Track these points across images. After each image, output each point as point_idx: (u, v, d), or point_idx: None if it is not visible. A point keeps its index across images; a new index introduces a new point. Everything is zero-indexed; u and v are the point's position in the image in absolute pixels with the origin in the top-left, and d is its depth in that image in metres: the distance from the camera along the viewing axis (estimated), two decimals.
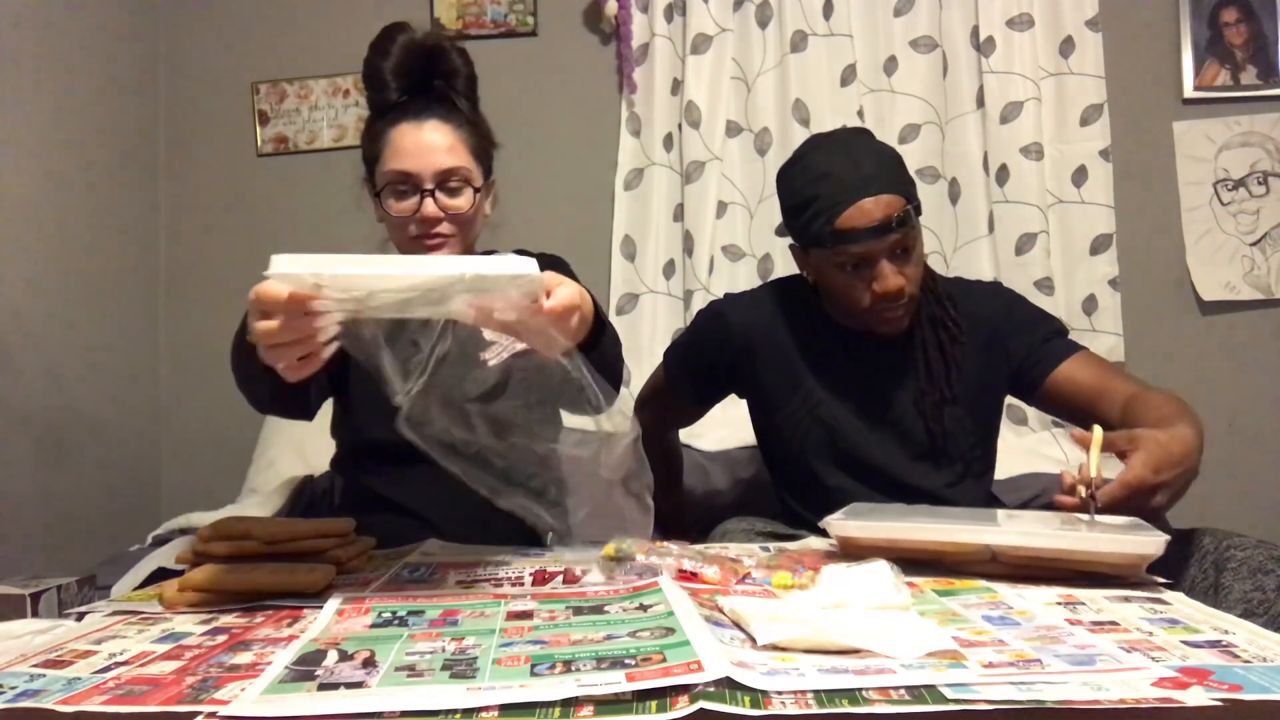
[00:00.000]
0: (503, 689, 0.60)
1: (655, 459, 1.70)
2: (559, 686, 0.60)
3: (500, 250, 1.45)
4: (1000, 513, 1.25)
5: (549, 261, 1.40)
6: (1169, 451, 1.01)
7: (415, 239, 1.27)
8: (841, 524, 1.02)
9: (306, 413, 1.22)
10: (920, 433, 1.38)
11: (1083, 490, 0.97)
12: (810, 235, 1.30)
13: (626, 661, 0.64)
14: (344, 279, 0.78)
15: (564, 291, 0.84)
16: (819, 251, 1.31)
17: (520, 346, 1.30)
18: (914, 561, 0.95)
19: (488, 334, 1.33)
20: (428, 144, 1.25)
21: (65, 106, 2.13)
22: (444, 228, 1.26)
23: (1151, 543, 0.87)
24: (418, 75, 1.29)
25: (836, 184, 1.26)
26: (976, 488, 1.44)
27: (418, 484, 1.26)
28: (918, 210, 1.30)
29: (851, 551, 1.02)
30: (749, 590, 0.88)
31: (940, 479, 1.39)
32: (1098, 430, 1.02)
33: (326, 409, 1.38)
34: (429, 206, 1.24)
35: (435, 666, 0.66)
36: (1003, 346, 1.39)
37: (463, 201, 1.27)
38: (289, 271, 0.77)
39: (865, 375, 1.39)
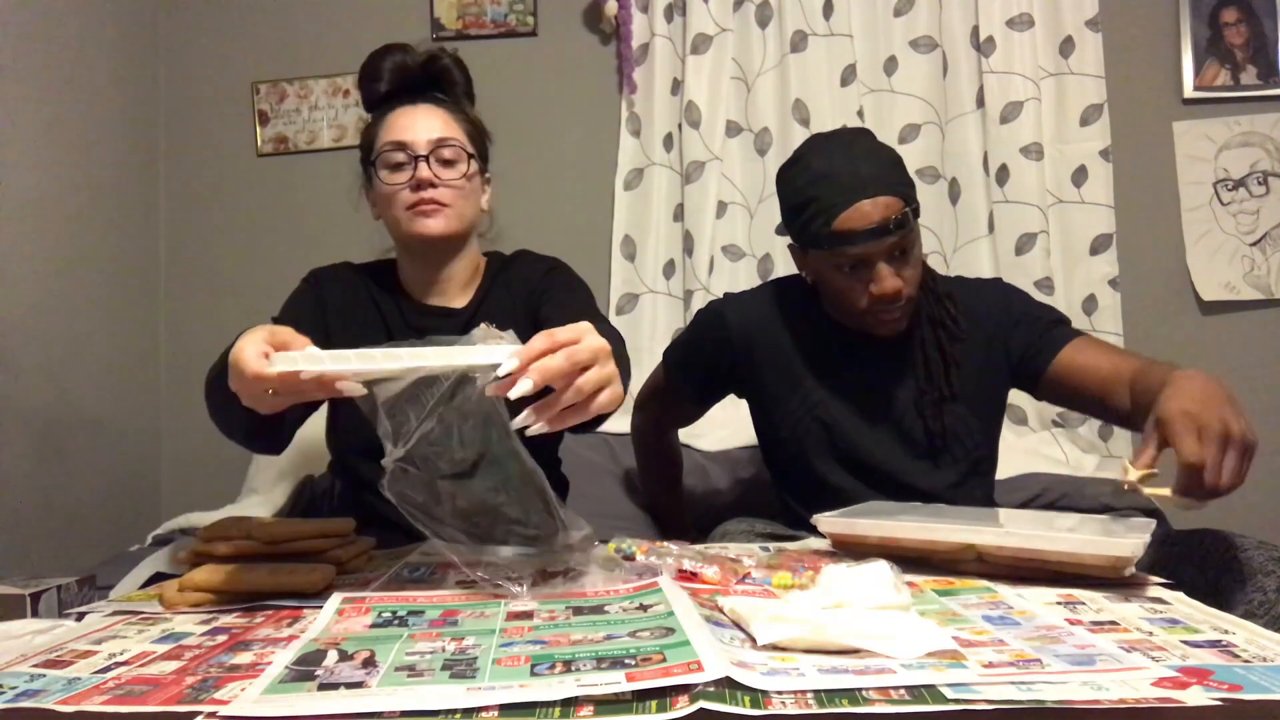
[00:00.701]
0: (503, 689, 0.61)
1: (655, 459, 1.73)
2: (559, 686, 0.60)
3: (503, 250, 1.44)
4: (1000, 512, 1.25)
5: (550, 266, 1.39)
6: (1192, 402, 0.93)
7: (410, 208, 1.25)
8: (830, 521, 1.03)
9: (277, 449, 1.22)
10: (920, 432, 1.38)
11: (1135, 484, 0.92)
12: (808, 236, 1.30)
13: (626, 661, 0.64)
14: (337, 372, 0.82)
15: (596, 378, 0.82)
16: (817, 252, 1.31)
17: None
18: (906, 560, 0.95)
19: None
20: (422, 118, 1.27)
21: (65, 106, 2.13)
22: (441, 194, 1.25)
23: (1128, 545, 0.85)
24: (413, 78, 1.31)
25: (835, 186, 1.26)
26: (980, 486, 1.44)
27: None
28: (916, 212, 1.29)
29: (842, 548, 1.02)
30: (749, 590, 0.88)
31: (942, 478, 1.39)
32: (1130, 470, 0.95)
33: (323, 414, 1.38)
34: (423, 170, 1.24)
35: (435, 666, 0.66)
36: (1003, 341, 1.39)
37: (457, 172, 1.27)
38: (287, 369, 0.82)
39: (865, 375, 1.39)
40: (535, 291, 1.33)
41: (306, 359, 0.82)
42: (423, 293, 1.35)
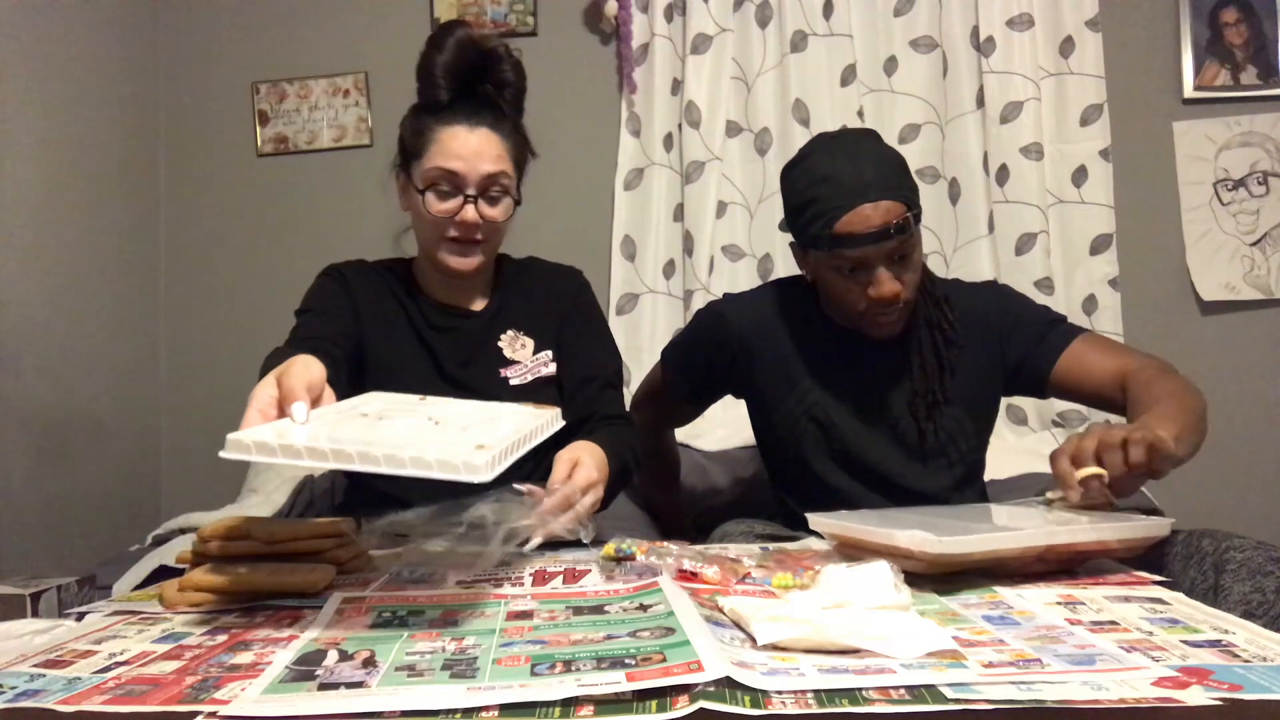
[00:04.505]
0: (503, 689, 0.61)
1: (652, 459, 1.72)
2: (559, 686, 0.60)
3: (511, 254, 1.45)
4: (1000, 510, 1.25)
5: (580, 285, 1.44)
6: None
7: (449, 240, 1.29)
8: (934, 540, 0.88)
9: None
10: (915, 434, 1.38)
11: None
12: (809, 237, 1.30)
13: (626, 661, 0.64)
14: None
15: (586, 498, 1.02)
16: (817, 253, 1.31)
17: (546, 371, 1.32)
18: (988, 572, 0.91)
19: (508, 352, 1.35)
20: (476, 149, 1.27)
21: (65, 107, 2.13)
22: (479, 234, 1.29)
23: (1167, 524, 0.99)
24: (469, 76, 1.30)
25: (837, 188, 1.26)
26: (974, 490, 1.44)
27: (428, 484, 1.26)
28: (917, 217, 1.29)
29: (941, 569, 0.91)
30: (749, 590, 0.88)
31: (938, 481, 1.39)
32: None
33: None
34: (469, 212, 1.27)
35: (435, 666, 0.66)
36: (999, 345, 1.39)
37: (500, 211, 1.30)
38: (239, 458, 0.77)
39: (862, 376, 1.39)
40: (567, 313, 1.39)
41: (260, 448, 0.76)
42: (442, 295, 1.38)
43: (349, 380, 1.27)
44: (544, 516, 0.96)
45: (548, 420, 0.98)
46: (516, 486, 1.00)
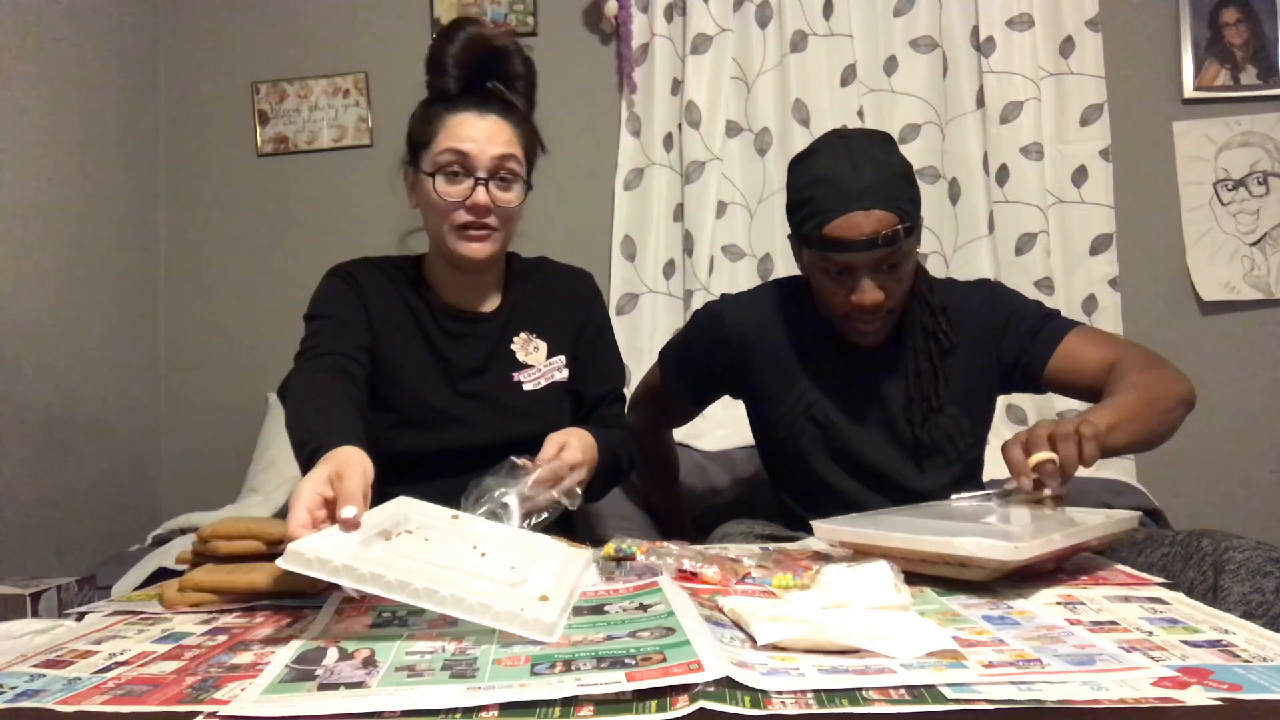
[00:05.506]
0: (503, 689, 0.61)
1: (650, 459, 1.72)
2: (559, 686, 0.60)
3: (520, 254, 1.44)
4: (987, 508, 1.24)
5: (594, 292, 1.45)
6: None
7: (460, 228, 1.26)
8: (1010, 548, 0.83)
9: None
10: (911, 436, 1.38)
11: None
12: (802, 234, 1.31)
13: (626, 661, 0.64)
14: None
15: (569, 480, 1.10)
16: (808, 251, 1.32)
17: (559, 376, 1.32)
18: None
19: (521, 356, 1.34)
20: (487, 132, 1.25)
21: (65, 107, 2.13)
22: (491, 219, 1.26)
23: (1133, 516, 1.05)
24: (478, 69, 1.29)
25: (833, 190, 1.25)
26: (972, 486, 1.44)
27: (439, 496, 1.26)
28: (910, 230, 1.27)
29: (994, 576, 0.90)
30: (749, 590, 0.88)
31: (936, 480, 1.38)
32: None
33: None
34: (481, 195, 1.24)
35: (435, 666, 0.66)
36: (994, 345, 1.38)
37: (512, 195, 1.27)
38: (299, 570, 0.76)
39: (859, 376, 1.39)
40: (582, 323, 1.40)
41: (322, 565, 0.75)
42: (452, 294, 1.35)
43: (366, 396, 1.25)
44: (535, 488, 1.05)
45: (585, 561, 0.98)
46: (514, 460, 1.07)
